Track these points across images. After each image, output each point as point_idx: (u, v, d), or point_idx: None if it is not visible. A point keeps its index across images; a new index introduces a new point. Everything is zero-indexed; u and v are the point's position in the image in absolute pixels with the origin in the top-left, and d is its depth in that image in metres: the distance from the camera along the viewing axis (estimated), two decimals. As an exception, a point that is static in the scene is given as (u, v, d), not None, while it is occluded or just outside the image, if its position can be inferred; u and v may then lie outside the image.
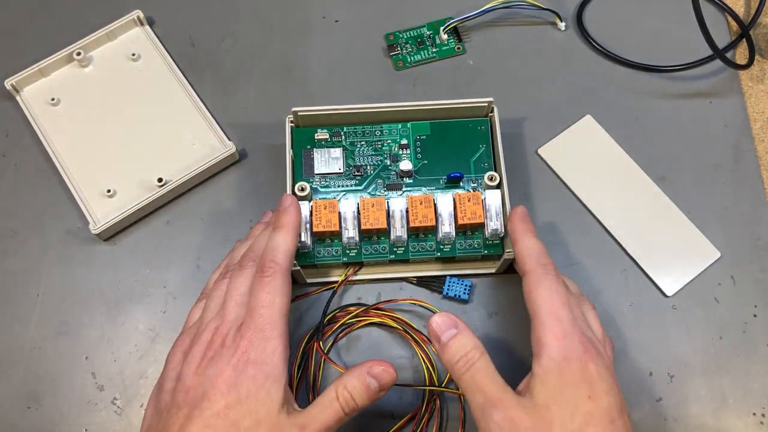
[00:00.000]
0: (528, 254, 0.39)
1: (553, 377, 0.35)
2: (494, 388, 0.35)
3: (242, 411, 0.34)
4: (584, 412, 0.34)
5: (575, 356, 0.35)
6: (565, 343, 0.36)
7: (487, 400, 0.35)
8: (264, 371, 0.35)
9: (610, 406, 0.35)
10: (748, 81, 0.54)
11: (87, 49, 0.52)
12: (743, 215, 0.49)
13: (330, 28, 0.55)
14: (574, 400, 0.34)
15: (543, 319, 0.36)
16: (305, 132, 0.47)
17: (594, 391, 0.35)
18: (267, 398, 0.35)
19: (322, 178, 0.46)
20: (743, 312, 0.47)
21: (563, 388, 0.35)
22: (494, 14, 0.55)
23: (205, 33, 0.55)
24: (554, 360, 0.35)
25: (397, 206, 0.44)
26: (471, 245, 0.45)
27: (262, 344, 0.36)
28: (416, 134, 0.47)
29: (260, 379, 0.35)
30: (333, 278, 0.46)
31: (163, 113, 0.51)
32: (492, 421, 0.34)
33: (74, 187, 0.48)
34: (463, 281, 0.46)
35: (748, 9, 0.56)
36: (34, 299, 0.47)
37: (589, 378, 0.35)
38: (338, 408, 0.36)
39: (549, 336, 0.36)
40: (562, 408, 0.34)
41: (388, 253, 0.45)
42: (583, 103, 0.52)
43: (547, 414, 0.34)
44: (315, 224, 0.43)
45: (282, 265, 0.38)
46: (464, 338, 0.37)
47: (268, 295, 0.37)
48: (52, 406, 0.45)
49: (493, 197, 0.44)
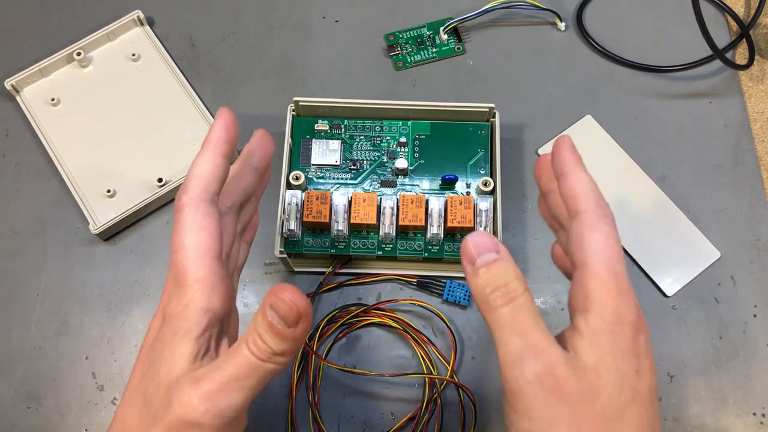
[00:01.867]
0: (585, 190, 0.32)
1: (606, 339, 0.29)
2: (539, 334, 0.28)
3: (149, 377, 0.30)
4: (632, 387, 0.29)
5: (629, 321, 0.29)
6: (621, 302, 0.29)
7: (528, 347, 0.28)
8: (172, 327, 0.30)
9: (652, 387, 0.29)
10: (748, 81, 0.54)
11: (87, 49, 0.52)
12: (743, 215, 0.49)
13: (330, 28, 0.55)
14: (624, 371, 0.29)
15: (598, 269, 0.29)
16: (305, 122, 0.47)
17: (641, 365, 0.29)
18: (171, 355, 0.29)
19: (318, 169, 0.46)
20: (743, 312, 0.47)
21: (615, 353, 0.29)
22: (494, 14, 0.55)
23: (205, 33, 0.55)
24: (607, 321, 0.29)
25: (388, 203, 0.44)
26: (459, 248, 0.45)
27: (176, 297, 0.31)
28: (416, 133, 0.47)
29: (168, 335, 0.30)
30: (321, 269, 0.46)
31: (163, 113, 0.51)
32: (530, 372, 0.28)
33: (74, 187, 0.48)
34: (463, 286, 0.46)
35: (748, 9, 0.56)
36: (34, 299, 0.47)
37: (638, 350, 0.29)
38: (247, 353, 0.28)
39: (603, 292, 0.29)
40: (612, 377, 0.28)
41: (376, 249, 0.45)
42: (583, 103, 0.52)
43: (596, 381, 0.28)
44: (305, 214, 0.43)
45: (190, 197, 0.31)
46: (506, 266, 0.30)
47: (177, 237, 0.31)
48: (52, 406, 0.45)
49: (485, 203, 0.44)
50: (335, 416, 0.44)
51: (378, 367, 0.45)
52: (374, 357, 0.45)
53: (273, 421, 0.44)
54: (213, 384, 0.28)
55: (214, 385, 0.28)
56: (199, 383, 0.28)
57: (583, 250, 0.30)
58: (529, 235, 0.49)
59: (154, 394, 0.29)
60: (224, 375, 0.28)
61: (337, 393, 0.45)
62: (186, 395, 0.28)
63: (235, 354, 0.29)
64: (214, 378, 0.28)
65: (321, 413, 0.44)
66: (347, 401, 0.45)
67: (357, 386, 0.45)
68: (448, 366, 0.44)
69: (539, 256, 0.48)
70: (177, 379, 0.28)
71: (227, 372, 0.28)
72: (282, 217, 0.44)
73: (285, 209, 0.44)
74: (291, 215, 0.43)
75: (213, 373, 0.28)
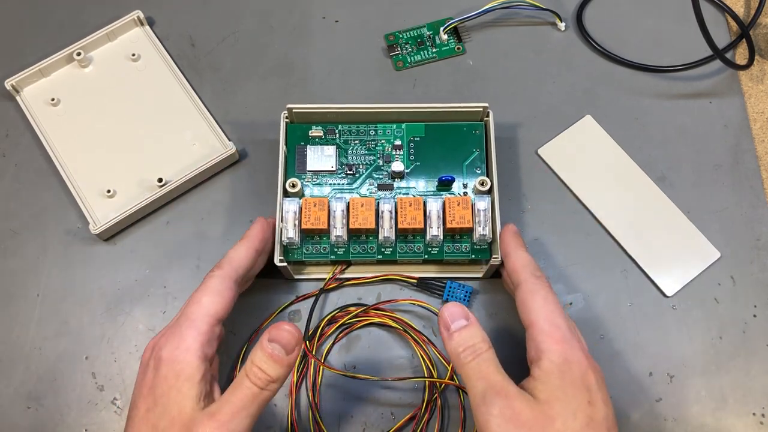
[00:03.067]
0: (522, 265, 0.40)
1: (555, 377, 0.35)
2: (499, 377, 0.35)
3: (158, 412, 0.35)
4: (585, 415, 0.34)
5: (576, 360, 0.36)
6: (565, 347, 0.36)
7: (490, 388, 0.35)
8: (175, 369, 0.36)
9: (607, 416, 0.35)
10: (748, 81, 0.54)
11: (87, 49, 0.52)
12: (743, 215, 0.49)
13: (330, 28, 0.55)
14: (576, 401, 0.35)
15: (541, 326, 0.37)
16: (299, 128, 0.47)
17: (593, 398, 0.35)
18: (178, 396, 0.35)
19: (314, 175, 0.46)
20: (743, 312, 0.47)
21: (565, 387, 0.35)
22: (494, 14, 0.55)
23: (205, 33, 0.55)
24: (555, 363, 0.35)
25: (386, 207, 0.44)
26: (459, 249, 0.45)
27: (176, 341, 0.36)
28: (410, 135, 0.47)
29: (171, 378, 0.35)
30: (321, 275, 0.46)
31: (163, 113, 0.51)
32: (494, 407, 0.34)
33: (74, 187, 0.48)
34: (464, 286, 0.46)
35: (748, 9, 0.56)
36: (34, 299, 0.47)
37: (588, 384, 0.35)
38: (249, 384, 0.35)
39: (548, 341, 0.36)
40: (564, 406, 0.34)
41: (375, 253, 0.45)
42: (582, 103, 0.52)
43: (548, 410, 0.34)
44: (304, 221, 0.43)
45: (224, 270, 0.40)
46: (474, 330, 0.37)
47: (197, 293, 0.39)
48: (52, 406, 0.45)
49: (483, 202, 0.44)
50: (335, 416, 0.44)
51: (378, 367, 0.45)
52: (374, 357, 0.46)
53: (273, 421, 0.44)
54: (225, 416, 0.34)
55: (226, 416, 0.34)
56: (214, 416, 0.34)
57: (528, 311, 0.38)
58: (528, 234, 0.49)
59: (167, 429, 0.34)
60: (233, 407, 0.34)
61: (337, 393, 0.45)
62: (205, 427, 0.34)
63: (239, 387, 0.35)
64: (225, 410, 0.34)
65: (321, 413, 0.44)
66: (347, 401, 0.45)
67: (357, 387, 0.45)
68: (448, 366, 0.44)
69: (539, 256, 0.48)
70: (192, 415, 0.34)
71: (235, 404, 0.34)
72: (280, 225, 0.43)
73: (283, 217, 0.43)
74: (289, 223, 0.43)
75: (224, 406, 0.34)
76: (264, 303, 0.47)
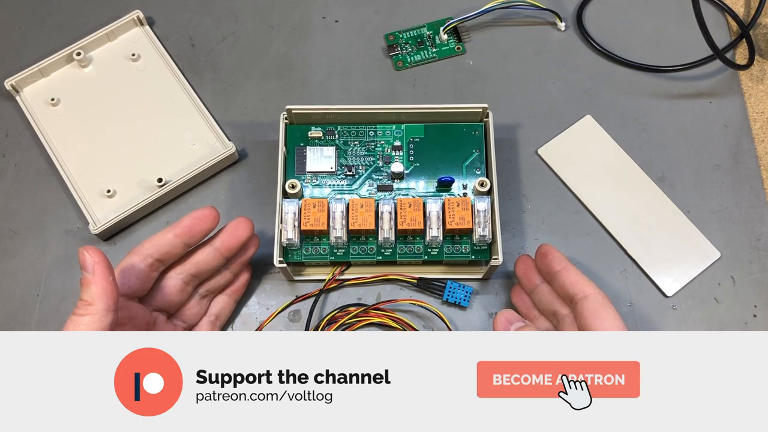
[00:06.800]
0: (585, 280, 0.40)
1: None
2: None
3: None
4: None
5: None
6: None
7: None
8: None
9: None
10: (748, 81, 0.54)
11: (87, 49, 0.52)
12: (743, 215, 0.49)
13: (330, 28, 0.55)
14: None
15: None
16: (299, 129, 0.47)
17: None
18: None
19: (314, 176, 0.46)
20: (743, 312, 0.47)
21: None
22: (494, 14, 0.55)
23: (205, 33, 0.55)
24: None
25: (386, 208, 0.44)
26: (459, 250, 0.45)
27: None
28: (410, 136, 0.47)
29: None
30: (321, 277, 0.46)
31: (162, 113, 0.51)
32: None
33: (74, 187, 0.48)
34: (464, 287, 0.46)
35: (748, 9, 0.56)
36: (34, 299, 0.47)
37: None
38: (71, 317, 0.35)
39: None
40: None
41: (375, 254, 0.45)
42: (582, 103, 0.52)
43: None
44: (303, 222, 0.43)
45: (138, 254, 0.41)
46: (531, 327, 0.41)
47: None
48: (52, 406, 0.45)
49: (482, 203, 0.44)
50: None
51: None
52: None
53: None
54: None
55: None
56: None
57: (602, 321, 0.38)
58: (528, 234, 0.49)
59: None
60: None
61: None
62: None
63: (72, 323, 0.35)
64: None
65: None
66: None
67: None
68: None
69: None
70: None
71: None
72: (279, 226, 0.43)
73: (282, 218, 0.43)
74: (288, 224, 0.43)
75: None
76: (264, 303, 0.47)
